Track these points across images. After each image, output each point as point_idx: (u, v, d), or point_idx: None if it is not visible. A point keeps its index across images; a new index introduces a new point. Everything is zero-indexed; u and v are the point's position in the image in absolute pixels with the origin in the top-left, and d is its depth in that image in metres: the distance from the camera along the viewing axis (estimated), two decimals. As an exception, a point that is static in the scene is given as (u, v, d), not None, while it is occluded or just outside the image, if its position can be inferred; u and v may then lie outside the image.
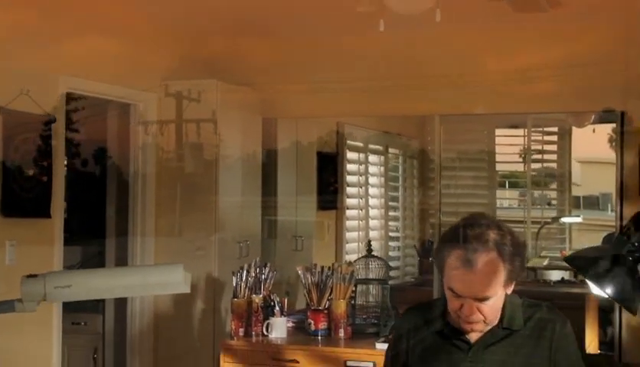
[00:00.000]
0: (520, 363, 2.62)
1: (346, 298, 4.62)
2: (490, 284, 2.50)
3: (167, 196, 5.58)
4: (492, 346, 2.63)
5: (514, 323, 2.64)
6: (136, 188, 5.51)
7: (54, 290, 2.27)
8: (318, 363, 4.42)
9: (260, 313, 4.68)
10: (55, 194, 4.71)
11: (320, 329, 4.63)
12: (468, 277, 2.51)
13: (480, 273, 2.50)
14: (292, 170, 6.37)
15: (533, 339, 2.64)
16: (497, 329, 2.63)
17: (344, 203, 7.05)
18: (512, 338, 2.63)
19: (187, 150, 5.63)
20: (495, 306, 2.56)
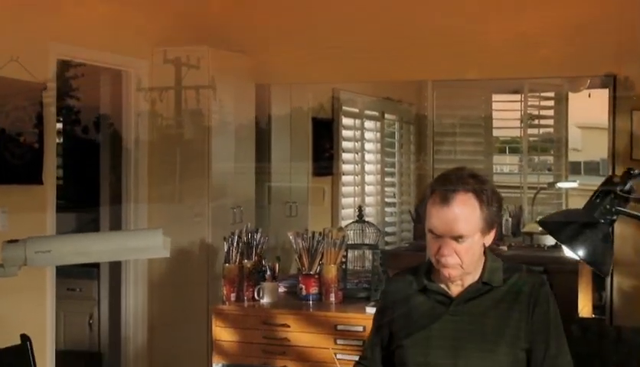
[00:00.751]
0: (498, 317, 2.67)
1: (337, 263, 4.64)
2: (465, 221, 2.57)
3: (160, 163, 5.59)
4: (472, 300, 2.69)
5: (494, 279, 2.70)
6: (129, 155, 5.53)
7: (35, 255, 2.29)
8: (309, 327, 4.45)
9: (252, 278, 4.71)
10: (47, 161, 4.72)
11: (311, 293, 4.66)
12: (445, 214, 2.58)
13: (456, 210, 2.57)
14: (286, 137, 6.38)
15: (512, 295, 2.69)
16: (477, 285, 2.69)
17: (340, 169, 7.07)
18: (492, 293, 2.69)
19: (180, 117, 5.64)
20: (472, 250, 2.62)
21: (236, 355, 4.55)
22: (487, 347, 2.65)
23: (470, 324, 2.67)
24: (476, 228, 2.61)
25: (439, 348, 2.67)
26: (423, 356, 2.69)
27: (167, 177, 5.59)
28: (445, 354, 2.66)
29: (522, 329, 2.67)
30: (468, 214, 2.59)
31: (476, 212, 2.59)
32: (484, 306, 2.68)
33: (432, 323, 2.69)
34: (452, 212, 2.57)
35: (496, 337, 2.65)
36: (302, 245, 4.68)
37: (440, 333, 2.68)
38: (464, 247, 2.60)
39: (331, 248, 4.62)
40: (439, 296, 2.71)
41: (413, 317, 2.74)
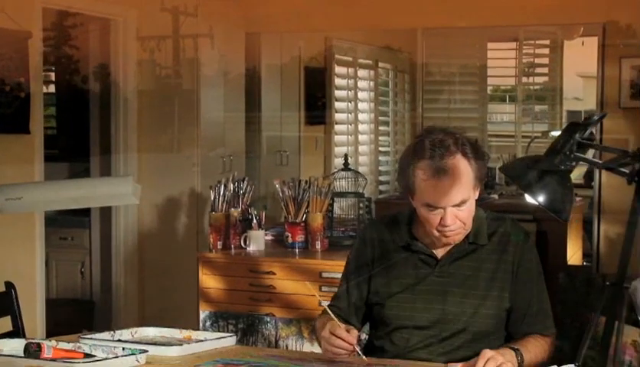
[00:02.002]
0: (484, 277, 2.68)
1: (323, 211, 4.67)
2: (463, 186, 2.56)
3: (150, 113, 5.60)
4: (458, 261, 2.69)
5: (480, 238, 2.69)
6: (118, 105, 5.53)
7: (6, 201, 2.32)
8: (294, 274, 4.50)
9: (239, 226, 4.75)
10: (34, 110, 4.73)
11: (297, 241, 4.69)
12: (442, 187, 2.55)
13: (452, 178, 2.54)
14: (276, 86, 6.37)
15: (497, 254, 2.69)
16: (463, 244, 2.68)
17: (333, 118, 7.06)
18: (477, 253, 2.69)
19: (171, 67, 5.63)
20: (471, 208, 2.62)
21: (222, 303, 4.60)
22: (471, 308, 2.66)
23: (456, 285, 2.67)
24: (472, 188, 2.59)
25: (424, 310, 2.68)
26: (407, 318, 2.69)
27: (156, 126, 5.60)
28: (430, 316, 2.67)
29: (506, 288, 2.68)
30: (464, 178, 2.55)
31: (469, 172, 2.56)
32: (470, 266, 2.68)
33: (417, 284, 2.69)
34: (449, 182, 2.54)
35: (481, 298, 2.66)
36: (288, 193, 4.70)
37: (425, 295, 2.68)
38: (465, 210, 2.59)
39: (316, 197, 4.65)
40: (424, 255, 2.70)
41: (395, 275, 2.73)
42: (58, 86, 7.13)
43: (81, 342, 2.65)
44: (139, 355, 2.53)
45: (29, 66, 4.68)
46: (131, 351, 2.56)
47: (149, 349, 2.62)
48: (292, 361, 2.62)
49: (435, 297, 2.68)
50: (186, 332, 2.93)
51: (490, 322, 2.68)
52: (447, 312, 2.67)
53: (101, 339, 2.74)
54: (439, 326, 2.68)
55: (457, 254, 2.69)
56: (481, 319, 2.67)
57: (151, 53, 5.59)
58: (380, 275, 2.76)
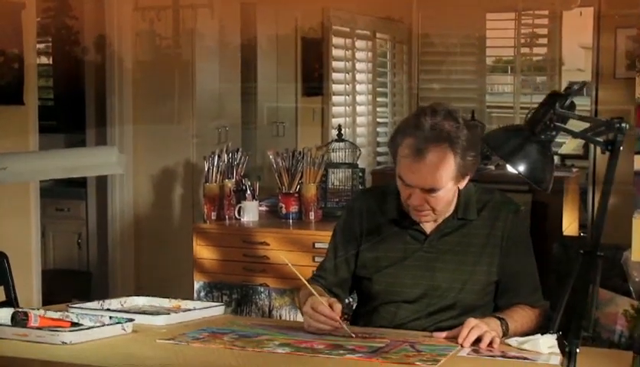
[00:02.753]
0: (472, 252, 2.69)
1: (316, 182, 4.68)
2: (438, 176, 2.54)
3: (145, 84, 5.59)
4: (447, 236, 2.70)
5: (469, 213, 2.69)
6: (113, 76, 5.53)
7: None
8: (287, 245, 4.51)
9: (233, 197, 4.76)
10: (28, 81, 4.73)
11: (291, 212, 4.71)
12: (417, 167, 2.54)
13: (429, 164, 2.52)
14: (272, 57, 6.36)
15: (486, 229, 2.70)
16: (452, 220, 2.69)
17: (330, 89, 7.04)
18: (467, 228, 2.69)
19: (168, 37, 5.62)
20: (445, 198, 2.61)
21: (216, 273, 4.62)
22: (460, 283, 2.67)
23: (444, 260, 2.68)
24: (449, 180, 2.56)
25: (413, 285, 2.69)
26: (395, 293, 2.71)
27: (153, 97, 5.60)
28: (418, 290, 2.68)
29: (494, 262, 2.69)
30: (441, 168, 2.53)
31: (450, 165, 2.54)
32: (459, 241, 2.69)
33: (405, 259, 2.70)
34: (424, 166, 2.52)
35: (470, 273, 2.67)
36: (281, 164, 4.71)
37: (413, 270, 2.69)
38: (435, 198, 2.57)
39: (310, 167, 4.66)
40: (412, 230, 2.71)
41: (384, 250, 2.73)
42: (55, 58, 7.12)
43: (69, 312, 2.68)
44: (126, 323, 2.54)
45: (23, 37, 4.67)
46: (117, 319, 2.57)
47: (136, 318, 2.64)
48: (278, 329, 2.64)
49: (423, 272, 2.70)
50: (175, 302, 2.95)
51: (478, 296, 2.69)
52: (435, 287, 2.69)
53: (89, 309, 2.76)
54: (427, 301, 2.70)
55: (446, 230, 2.70)
56: (469, 293, 2.68)
57: (150, 23, 5.57)
58: (368, 249, 2.77)
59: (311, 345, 2.42)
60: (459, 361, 2.30)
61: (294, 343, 2.44)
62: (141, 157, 5.58)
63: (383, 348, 2.41)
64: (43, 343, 2.38)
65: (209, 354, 2.36)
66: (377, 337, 2.54)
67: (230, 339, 2.49)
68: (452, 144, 2.52)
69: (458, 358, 2.33)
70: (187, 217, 5.46)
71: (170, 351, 2.38)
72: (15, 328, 2.45)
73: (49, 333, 2.40)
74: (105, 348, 2.39)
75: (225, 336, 2.53)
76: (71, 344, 2.37)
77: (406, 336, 2.57)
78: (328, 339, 2.48)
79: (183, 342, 2.46)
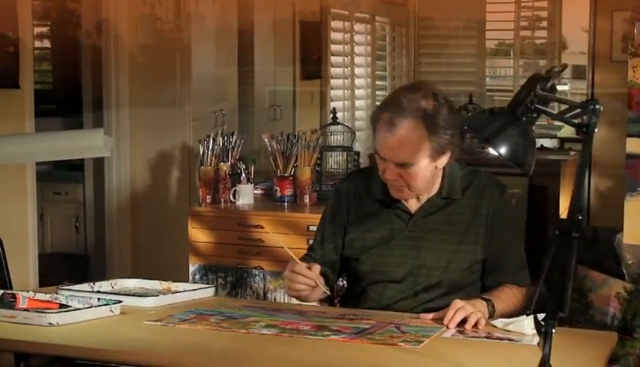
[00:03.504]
0: (457, 231, 2.71)
1: (311, 165, 4.69)
2: (410, 150, 2.55)
3: (142, 67, 5.60)
4: (431, 216, 2.71)
5: (454, 192, 2.71)
6: (109, 59, 5.53)
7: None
8: (282, 227, 4.52)
9: (228, 180, 4.77)
10: (23, 65, 4.73)
11: (286, 195, 4.72)
12: (390, 141, 2.56)
13: (400, 137, 2.54)
14: (270, 40, 6.36)
15: (471, 208, 2.72)
16: (436, 199, 2.71)
17: (329, 73, 7.04)
18: (451, 207, 2.71)
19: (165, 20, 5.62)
20: (421, 175, 2.61)
21: (211, 256, 4.64)
22: (445, 262, 2.69)
23: (429, 240, 2.70)
24: (423, 156, 2.57)
25: (399, 264, 2.71)
26: (382, 273, 2.73)
27: (149, 81, 5.60)
28: (404, 270, 2.71)
29: (480, 241, 2.71)
30: (413, 142, 2.55)
31: (423, 140, 2.55)
32: (444, 220, 2.70)
33: (391, 239, 2.72)
34: (396, 139, 2.54)
35: (455, 252, 2.69)
36: (276, 147, 4.72)
37: (399, 249, 2.72)
38: (409, 173, 2.59)
39: (304, 150, 4.67)
40: (397, 210, 2.73)
41: (370, 230, 2.76)
42: (54, 41, 7.13)
43: (59, 293, 2.69)
44: (113, 305, 2.56)
45: (18, 20, 4.67)
46: (105, 301, 2.59)
47: (124, 300, 2.65)
48: (265, 311, 2.66)
49: (409, 252, 2.72)
50: (166, 284, 2.97)
51: (463, 275, 2.71)
52: (420, 266, 2.71)
53: (79, 291, 2.78)
54: (413, 280, 2.71)
55: (430, 209, 2.72)
56: (454, 272, 2.70)
57: (149, 7, 5.57)
58: (354, 230, 2.79)
59: (297, 327, 2.44)
60: (443, 342, 2.32)
61: (280, 324, 2.46)
62: (138, 141, 5.59)
63: (369, 329, 2.42)
64: (30, 325, 2.40)
65: (195, 335, 2.37)
66: (363, 318, 2.55)
67: (216, 320, 2.51)
68: (426, 120, 2.55)
69: (442, 339, 2.35)
70: (184, 200, 5.47)
71: (156, 332, 2.40)
72: (3, 310, 2.47)
73: (36, 315, 2.42)
74: (92, 329, 2.41)
75: (212, 317, 2.55)
76: (58, 325, 2.39)
77: (393, 317, 2.59)
78: (314, 321, 2.50)
79: (170, 323, 2.48)
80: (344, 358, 2.16)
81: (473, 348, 2.28)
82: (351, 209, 2.82)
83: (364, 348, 2.24)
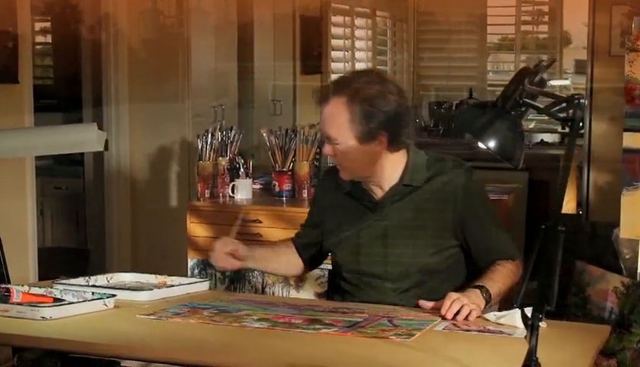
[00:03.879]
0: (424, 217, 2.74)
1: (309, 160, 4.69)
2: (334, 126, 2.65)
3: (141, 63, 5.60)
4: (396, 203, 2.75)
5: (416, 179, 2.74)
6: (109, 54, 5.55)
7: (-28, 149, 2.35)
8: (280, 222, 4.52)
9: (226, 175, 4.78)
10: (22, 60, 4.74)
11: (284, 190, 4.72)
12: (322, 114, 2.69)
13: (328, 112, 2.66)
14: (269, 35, 6.36)
15: (437, 193, 2.75)
16: (398, 186, 2.75)
17: (329, 68, 7.05)
18: (416, 194, 2.74)
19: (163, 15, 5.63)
20: (350, 156, 2.68)
21: (210, 250, 4.63)
22: (413, 248, 2.73)
23: (396, 227, 2.75)
24: (348, 135, 2.63)
25: (369, 254, 2.77)
26: (354, 263, 2.80)
27: (148, 76, 5.61)
28: (375, 259, 2.76)
29: (448, 227, 2.73)
30: (336, 119, 2.63)
31: (344, 119, 2.62)
32: (409, 208, 2.75)
33: (361, 230, 2.78)
34: (325, 114, 2.66)
35: (422, 238, 2.73)
36: (275, 142, 4.72)
37: (368, 239, 2.78)
38: (339, 150, 2.67)
39: (303, 145, 4.67)
40: (365, 200, 2.79)
41: (341, 222, 2.84)
42: (55, 36, 7.14)
43: (53, 288, 2.70)
44: (107, 299, 2.58)
45: (17, 15, 4.68)
46: (100, 295, 2.60)
47: (118, 294, 2.67)
48: (258, 305, 2.67)
49: (377, 241, 2.78)
50: (161, 278, 2.98)
51: (435, 260, 2.74)
52: (390, 254, 2.76)
53: (74, 285, 2.79)
54: (385, 268, 2.77)
55: (394, 197, 2.76)
56: (424, 258, 2.74)
57: (152, 1, 5.58)
58: (329, 222, 2.89)
59: (289, 320, 2.45)
60: (433, 335, 2.33)
61: (272, 318, 2.47)
62: (137, 136, 5.60)
63: (361, 323, 2.44)
64: (23, 318, 2.41)
65: (187, 328, 2.39)
66: (356, 312, 2.57)
67: (209, 314, 2.52)
68: (355, 102, 2.62)
69: (433, 332, 2.36)
70: (184, 195, 5.48)
71: (149, 326, 2.42)
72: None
73: (29, 309, 2.44)
74: (85, 323, 2.42)
75: (205, 311, 2.56)
76: (51, 319, 2.40)
77: (386, 310, 2.60)
78: (306, 314, 2.52)
79: (163, 317, 2.49)
80: (335, 351, 2.17)
81: (464, 341, 2.29)
82: (327, 203, 2.91)
83: (354, 341, 2.25)
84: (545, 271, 1.76)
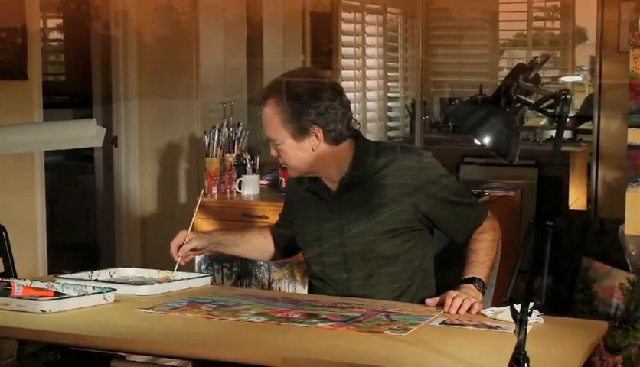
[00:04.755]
0: (377, 204, 2.76)
1: (315, 156, 4.70)
2: (271, 128, 2.72)
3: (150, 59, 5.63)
4: (348, 194, 2.79)
5: (363, 168, 2.77)
6: (118, 51, 5.57)
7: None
8: (286, 218, 4.54)
9: (233, 171, 4.80)
10: (31, 56, 4.78)
11: (291, 186, 4.73)
12: (262, 118, 2.75)
13: (264, 115, 2.73)
14: (279, 31, 6.36)
15: (389, 179, 2.77)
16: (347, 178, 2.79)
17: (340, 64, 7.05)
18: (367, 185, 2.77)
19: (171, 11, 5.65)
20: (291, 154, 2.73)
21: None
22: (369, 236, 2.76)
23: (350, 218, 2.79)
24: (284, 135, 2.70)
25: (328, 248, 2.83)
26: (318, 256, 2.86)
27: (157, 72, 5.63)
28: (335, 249, 2.81)
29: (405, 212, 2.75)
30: (271, 120, 2.71)
31: (278, 120, 2.69)
32: (361, 199, 2.78)
33: (320, 222, 2.84)
34: (262, 116, 2.73)
35: (377, 225, 2.75)
36: (282, 138, 4.73)
37: (327, 233, 2.83)
38: (280, 150, 2.74)
39: (309, 142, 4.68)
40: (322, 195, 2.84)
41: (305, 218, 2.90)
42: (66, 33, 7.18)
43: (55, 282, 2.73)
44: (107, 293, 2.60)
45: (26, 12, 4.71)
46: (100, 289, 2.62)
47: (120, 288, 2.69)
48: (258, 299, 2.68)
49: (335, 233, 2.82)
50: (164, 273, 3.00)
51: (390, 245, 2.77)
52: (346, 242, 2.80)
53: (76, 279, 2.81)
54: (345, 258, 2.81)
55: (345, 189, 2.80)
56: (380, 244, 2.77)
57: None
58: (297, 219, 2.96)
59: (287, 315, 2.46)
60: (428, 330, 2.34)
61: (270, 313, 2.49)
62: (146, 133, 5.63)
63: (358, 317, 2.45)
64: (23, 312, 2.44)
65: (185, 322, 2.41)
66: (354, 307, 2.58)
67: (207, 308, 2.54)
68: (281, 99, 2.68)
69: (428, 327, 2.37)
70: (192, 191, 5.51)
71: (147, 319, 2.43)
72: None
73: (29, 302, 2.46)
74: (84, 316, 2.44)
75: (204, 305, 2.58)
76: (50, 313, 2.43)
77: (385, 305, 2.62)
78: (305, 309, 2.53)
79: (161, 311, 2.51)
80: (328, 345, 2.18)
81: (459, 336, 2.30)
82: (293, 201, 2.99)
83: (349, 335, 2.26)
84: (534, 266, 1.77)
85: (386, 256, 2.77)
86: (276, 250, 3.12)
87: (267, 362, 2.08)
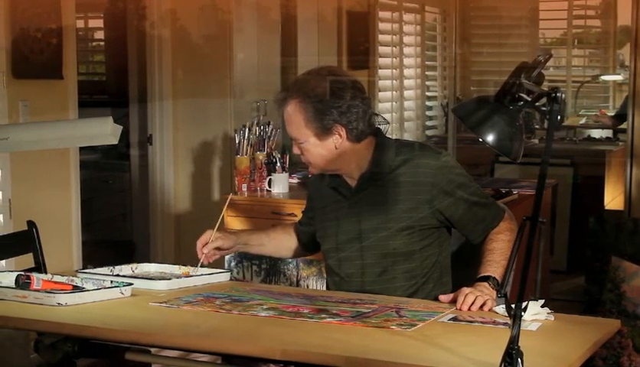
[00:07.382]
0: (395, 200, 2.79)
1: (345, 155, 4.72)
2: (294, 127, 2.74)
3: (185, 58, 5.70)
4: (366, 190, 2.82)
5: (382, 165, 2.80)
6: (153, 51, 5.65)
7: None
8: (314, 216, 4.57)
9: (264, 169, 4.85)
10: (67, 55, 4.86)
11: (320, 184, 4.76)
12: (284, 118, 2.78)
13: (287, 115, 2.75)
14: (313, 31, 6.40)
15: (406, 177, 2.79)
16: (366, 174, 2.81)
17: (377, 63, 7.06)
18: (386, 180, 2.79)
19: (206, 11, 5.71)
20: (314, 152, 2.76)
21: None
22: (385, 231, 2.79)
23: (368, 214, 2.81)
24: (307, 134, 2.73)
25: (347, 241, 2.85)
26: (335, 250, 2.89)
27: (192, 71, 5.70)
28: (352, 245, 2.84)
29: (422, 210, 2.77)
30: (294, 120, 2.73)
31: (300, 119, 2.71)
32: (379, 194, 2.81)
33: (338, 218, 2.87)
34: (286, 117, 2.75)
35: (394, 221, 2.78)
36: (311, 137, 4.76)
37: (345, 228, 2.86)
38: (304, 148, 2.76)
39: (339, 140, 4.70)
40: (342, 191, 2.87)
41: (325, 214, 2.93)
42: (106, 33, 7.29)
43: (76, 276, 2.79)
44: (124, 287, 2.65)
45: (61, 11, 4.79)
46: (117, 284, 2.68)
47: (138, 283, 2.74)
48: (272, 295, 2.72)
49: (352, 229, 2.84)
50: (185, 269, 3.05)
51: (406, 241, 2.79)
52: (362, 237, 2.83)
53: (97, 274, 2.87)
54: (361, 253, 2.83)
55: (364, 185, 2.82)
56: (397, 240, 2.79)
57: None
58: (318, 215, 2.98)
59: (297, 310, 2.49)
60: (435, 326, 2.36)
61: (281, 308, 2.52)
62: (181, 131, 5.71)
63: (368, 313, 2.47)
64: (40, 304, 2.50)
65: (194, 316, 2.45)
66: (366, 303, 2.60)
67: (220, 302, 2.58)
68: (304, 99, 2.70)
69: (436, 323, 2.38)
70: (225, 189, 5.57)
71: (158, 313, 2.48)
72: (16, 290, 2.58)
73: (46, 295, 2.52)
74: (98, 310, 2.50)
75: (218, 300, 2.62)
76: (66, 305, 2.49)
77: (398, 301, 2.64)
78: (317, 305, 2.56)
79: (174, 305, 2.56)
80: (330, 339, 2.20)
81: (465, 332, 2.31)
82: (315, 198, 3.02)
83: (354, 330, 2.29)
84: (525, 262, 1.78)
85: (402, 252, 2.79)
86: (301, 246, 3.16)
87: (266, 353, 2.12)
